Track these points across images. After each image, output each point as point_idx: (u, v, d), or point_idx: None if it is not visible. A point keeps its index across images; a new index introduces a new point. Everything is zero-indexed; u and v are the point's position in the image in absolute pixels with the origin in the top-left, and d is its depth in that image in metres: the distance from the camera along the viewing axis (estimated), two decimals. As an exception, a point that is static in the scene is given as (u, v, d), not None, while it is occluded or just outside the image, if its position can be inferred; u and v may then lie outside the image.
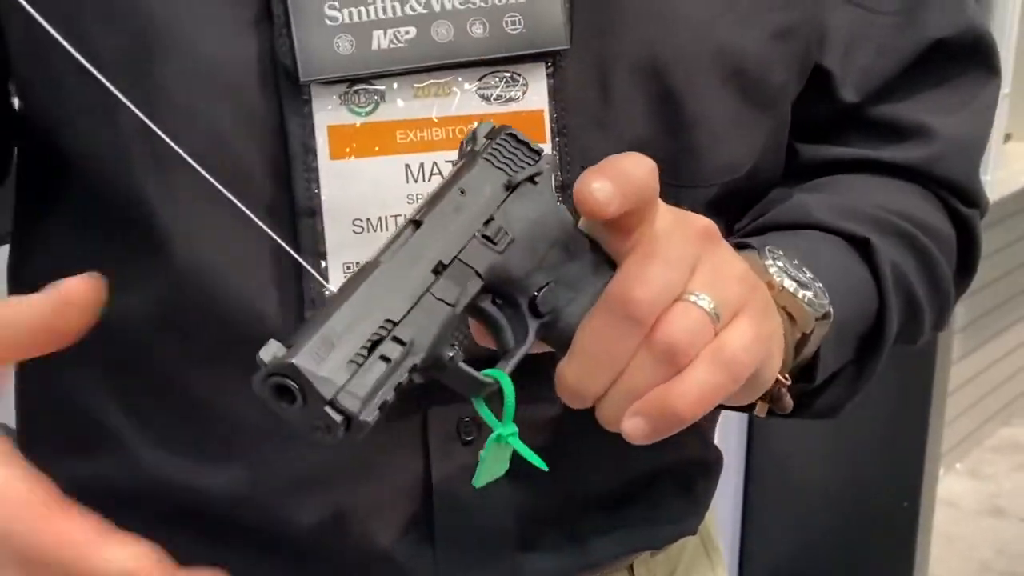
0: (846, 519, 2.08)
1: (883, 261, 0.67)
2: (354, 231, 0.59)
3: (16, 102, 0.67)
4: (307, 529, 0.66)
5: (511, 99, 0.60)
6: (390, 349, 0.45)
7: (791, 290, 0.60)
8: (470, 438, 0.65)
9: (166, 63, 0.58)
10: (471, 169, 0.52)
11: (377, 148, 0.58)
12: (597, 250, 0.54)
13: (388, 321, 0.46)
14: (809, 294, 0.60)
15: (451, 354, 0.48)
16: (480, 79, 0.59)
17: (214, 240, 0.61)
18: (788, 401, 0.62)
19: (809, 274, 0.61)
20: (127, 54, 0.58)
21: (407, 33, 0.57)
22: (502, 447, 0.49)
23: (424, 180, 0.59)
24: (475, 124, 0.54)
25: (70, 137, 0.64)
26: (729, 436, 2.17)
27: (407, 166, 0.59)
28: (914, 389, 1.95)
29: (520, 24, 0.58)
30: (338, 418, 0.43)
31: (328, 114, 0.57)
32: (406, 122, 0.58)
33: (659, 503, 0.74)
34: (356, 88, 0.58)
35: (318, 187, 0.58)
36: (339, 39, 0.56)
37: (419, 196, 0.59)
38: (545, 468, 0.50)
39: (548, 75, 0.60)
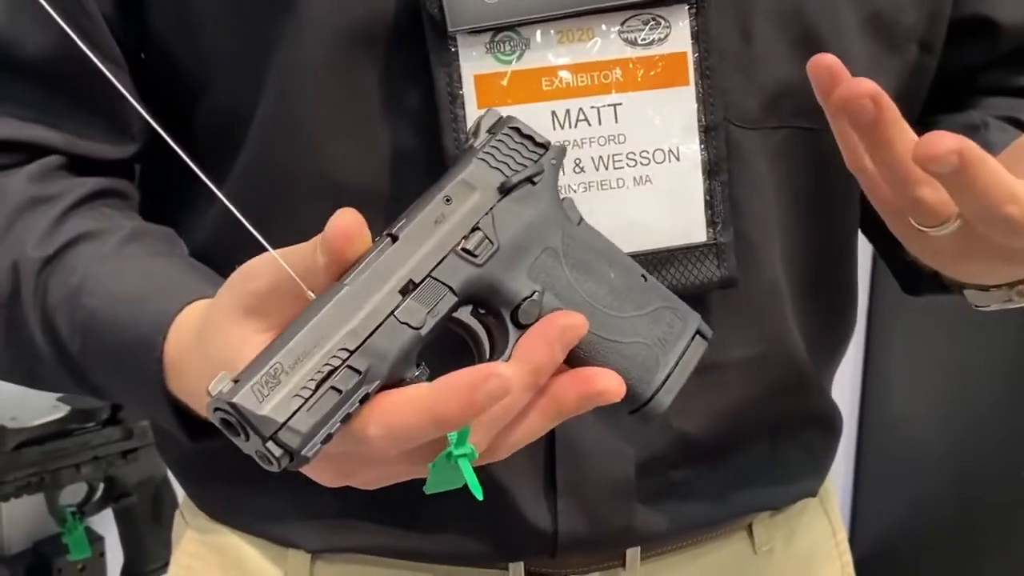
0: (962, 488, 2.02)
1: None
2: (502, 178, 0.59)
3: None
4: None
5: (654, 42, 0.59)
6: (343, 379, 0.45)
7: None
8: None
9: (309, 15, 0.59)
10: (463, 171, 0.51)
11: (523, 95, 0.58)
12: (598, 247, 0.53)
13: (343, 350, 0.45)
14: None
15: (416, 373, 0.48)
16: (623, 23, 0.59)
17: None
18: None
19: None
20: (266, 5, 0.60)
21: (552, -21, 0.57)
22: (452, 465, 0.48)
23: (571, 126, 0.59)
24: (481, 112, 0.54)
25: (203, 86, 0.65)
26: (842, 399, 2.13)
27: (553, 113, 0.59)
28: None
29: (664, -34, 0.58)
30: (278, 452, 0.44)
31: (474, 63, 0.58)
32: (551, 68, 0.58)
33: (779, 462, 0.74)
34: (501, 36, 0.58)
35: (466, 136, 0.58)
36: (486, -13, 0.57)
37: (566, 142, 0.59)
38: (480, 497, 0.49)
39: (691, 17, 0.59)
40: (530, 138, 0.53)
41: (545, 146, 0.54)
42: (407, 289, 0.48)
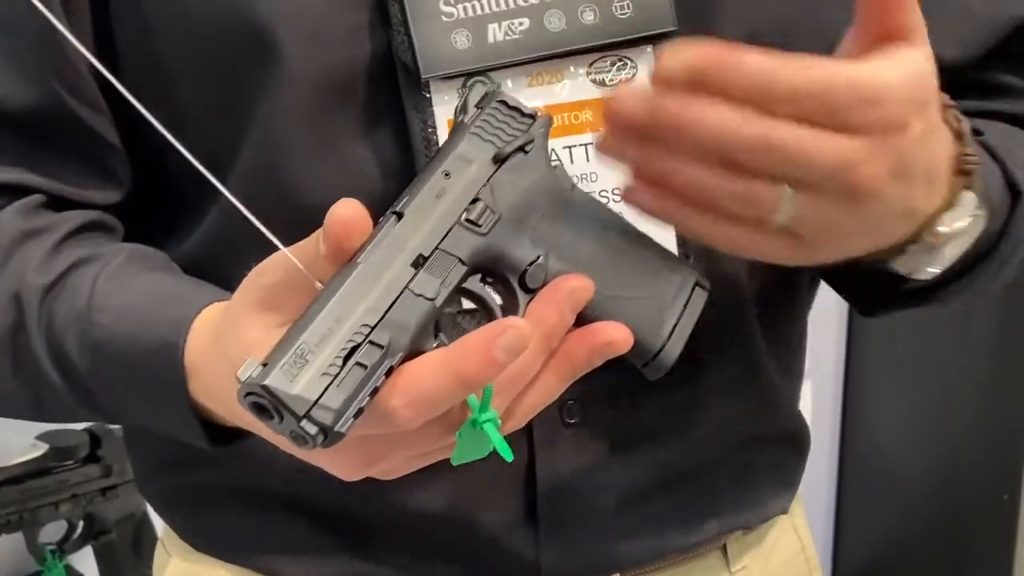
0: (943, 510, 2.03)
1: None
2: (475, 220, 0.60)
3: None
4: (414, 515, 0.67)
5: (621, 82, 0.61)
6: (367, 354, 0.46)
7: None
8: (573, 420, 0.67)
9: (285, 67, 0.59)
10: (457, 146, 0.52)
11: (496, 138, 0.59)
12: (594, 209, 0.55)
13: (364, 326, 0.46)
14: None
15: (434, 344, 0.49)
16: (591, 64, 0.60)
17: None
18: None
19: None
20: (242, 59, 0.60)
21: (521, 24, 0.58)
22: (477, 432, 0.49)
23: (544, 166, 0.60)
24: (467, 88, 0.55)
25: (179, 135, 0.65)
26: (823, 419, 2.15)
27: (525, 154, 0.60)
28: (1014, 377, 1.89)
29: (629, 8, 0.59)
30: (313, 430, 0.45)
31: (447, 108, 0.59)
32: (522, 111, 0.60)
33: (751, 483, 0.75)
34: (473, 81, 0.59)
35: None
36: (456, 34, 0.58)
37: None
38: (510, 458, 0.50)
39: (656, 57, 0.60)
40: (517, 110, 0.54)
41: (533, 116, 0.55)
42: (418, 263, 0.49)
